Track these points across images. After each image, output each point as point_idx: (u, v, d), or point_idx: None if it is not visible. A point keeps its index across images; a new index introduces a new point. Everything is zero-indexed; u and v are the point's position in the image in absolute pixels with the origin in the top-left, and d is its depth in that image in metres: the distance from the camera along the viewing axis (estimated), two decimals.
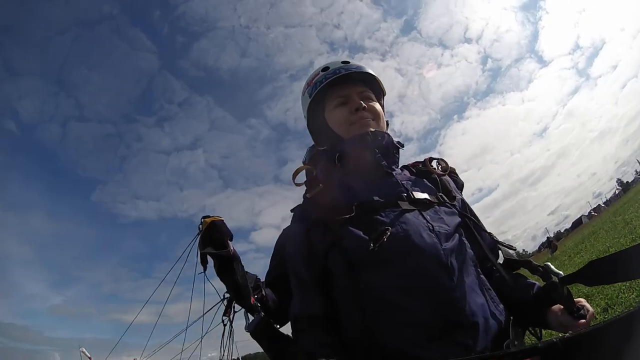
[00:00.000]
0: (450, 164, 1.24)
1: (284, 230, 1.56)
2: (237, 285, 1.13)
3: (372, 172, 1.09)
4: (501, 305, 0.96)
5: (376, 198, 1.00)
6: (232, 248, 1.12)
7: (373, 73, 1.23)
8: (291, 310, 1.03)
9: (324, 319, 0.93)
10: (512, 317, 0.95)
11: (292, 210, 1.20)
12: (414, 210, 0.98)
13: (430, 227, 0.94)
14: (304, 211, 1.11)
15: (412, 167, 1.21)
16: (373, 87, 1.26)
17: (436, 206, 1.03)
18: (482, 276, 0.98)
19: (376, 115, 1.19)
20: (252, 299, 1.12)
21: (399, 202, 0.98)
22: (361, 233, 0.93)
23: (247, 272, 1.22)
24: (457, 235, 0.98)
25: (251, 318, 1.06)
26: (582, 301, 0.94)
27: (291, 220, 1.16)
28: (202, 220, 1.12)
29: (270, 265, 1.51)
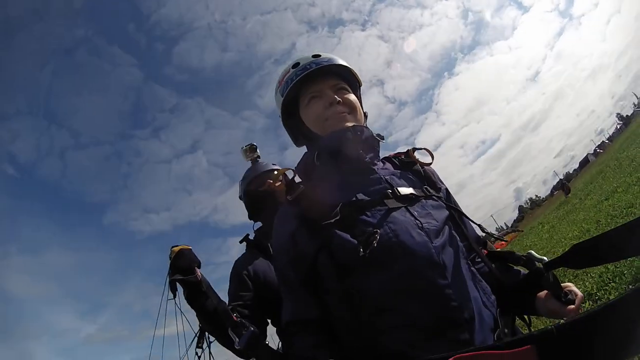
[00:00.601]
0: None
1: (238, 261, 1.73)
2: (206, 311, 1.22)
3: (354, 169, 1.03)
4: (493, 297, 0.94)
5: (360, 196, 0.95)
6: (199, 274, 1.21)
7: (345, 64, 1.15)
8: (283, 317, 1.00)
9: (319, 323, 0.91)
10: (499, 307, 0.92)
11: (242, 241, 1.22)
12: (400, 207, 0.93)
13: (419, 225, 0.89)
14: (287, 214, 1.04)
15: (395, 159, 1.16)
16: (348, 78, 1.18)
17: (423, 200, 0.98)
18: (472, 268, 0.95)
19: (352, 108, 1.12)
20: (234, 317, 1.17)
21: (384, 200, 0.94)
22: (349, 237, 0.88)
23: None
24: (446, 229, 0.94)
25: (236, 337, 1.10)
26: (570, 285, 0.93)
27: (274, 225, 1.09)
28: (171, 249, 1.22)
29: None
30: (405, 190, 0.98)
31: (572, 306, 0.88)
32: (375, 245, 0.83)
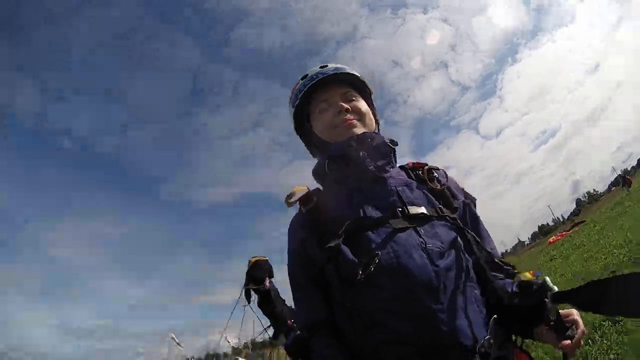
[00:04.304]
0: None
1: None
2: (273, 315, 1.49)
3: (364, 178, 1.02)
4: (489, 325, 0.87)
5: (369, 211, 0.95)
6: (267, 284, 1.43)
7: (353, 72, 1.16)
8: (299, 321, 1.03)
9: (330, 324, 0.92)
10: (495, 316, 0.87)
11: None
12: (407, 228, 0.91)
13: (423, 246, 0.88)
14: (299, 223, 1.06)
15: (411, 170, 1.12)
16: (358, 86, 1.18)
17: (434, 220, 0.95)
18: (476, 291, 0.92)
19: (362, 115, 1.12)
20: (289, 322, 1.37)
21: (391, 220, 0.92)
22: (351, 254, 0.90)
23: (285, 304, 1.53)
24: (452, 251, 0.91)
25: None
26: (574, 314, 0.87)
27: (288, 230, 1.10)
28: (249, 260, 1.45)
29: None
30: (416, 210, 0.95)
31: (568, 342, 0.82)
32: (372, 269, 0.83)
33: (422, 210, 0.96)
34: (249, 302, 1.60)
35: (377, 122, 1.21)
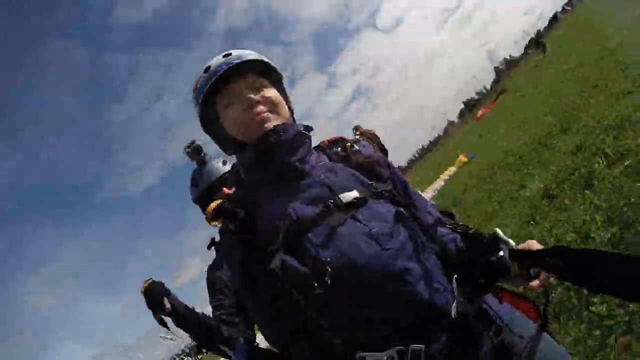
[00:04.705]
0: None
1: (209, 267, 1.64)
2: (193, 331, 1.38)
3: (287, 176, 0.94)
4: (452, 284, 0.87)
5: (300, 210, 0.87)
6: (167, 306, 1.38)
7: (260, 58, 1.03)
8: (266, 337, 0.93)
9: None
10: (456, 275, 0.87)
11: (210, 247, 1.15)
12: (345, 220, 0.85)
13: (367, 232, 0.83)
14: (231, 241, 0.94)
15: (328, 147, 1.06)
16: (266, 73, 1.05)
17: (369, 200, 0.90)
18: (434, 257, 0.90)
19: (274, 105, 1.00)
20: (224, 333, 1.26)
21: (327, 214, 0.86)
22: (297, 263, 0.81)
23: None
24: (400, 225, 0.87)
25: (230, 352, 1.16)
26: (533, 246, 0.90)
27: (215, 257, 1.01)
28: (140, 291, 1.39)
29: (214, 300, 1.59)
30: (348, 196, 0.88)
31: (536, 282, 0.86)
32: (328, 280, 0.76)
33: (355, 194, 0.89)
34: (168, 328, 1.46)
35: (291, 110, 1.09)
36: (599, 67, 7.46)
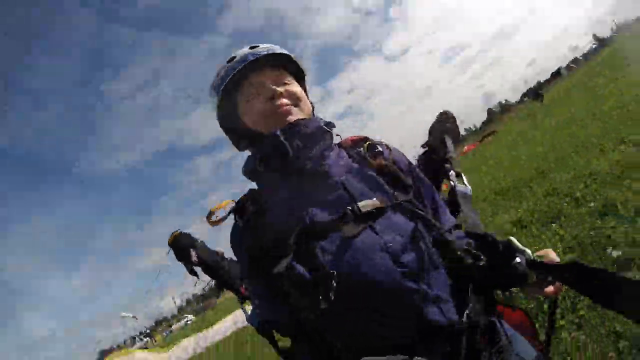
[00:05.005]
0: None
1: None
2: (221, 280, 1.51)
3: (304, 174, 0.89)
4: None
5: (315, 214, 0.84)
6: (194, 258, 1.48)
7: (287, 53, 1.01)
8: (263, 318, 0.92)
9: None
10: (471, 285, 0.85)
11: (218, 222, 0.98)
12: (361, 230, 0.81)
13: (382, 245, 0.80)
14: (241, 235, 0.91)
15: (351, 146, 1.02)
16: (291, 69, 1.04)
17: (389, 211, 0.85)
18: (444, 272, 0.86)
19: (297, 100, 0.97)
20: (242, 290, 1.35)
21: (343, 221, 0.81)
22: (304, 270, 0.77)
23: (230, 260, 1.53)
24: (415, 241, 0.84)
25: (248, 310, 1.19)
26: (550, 255, 0.87)
27: (231, 240, 0.96)
28: (168, 240, 1.50)
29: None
30: (367, 204, 0.84)
31: (551, 288, 0.84)
32: (333, 295, 0.73)
33: (374, 202, 0.85)
34: (198, 277, 1.60)
35: (312, 107, 1.05)
36: (592, 126, 7.83)
